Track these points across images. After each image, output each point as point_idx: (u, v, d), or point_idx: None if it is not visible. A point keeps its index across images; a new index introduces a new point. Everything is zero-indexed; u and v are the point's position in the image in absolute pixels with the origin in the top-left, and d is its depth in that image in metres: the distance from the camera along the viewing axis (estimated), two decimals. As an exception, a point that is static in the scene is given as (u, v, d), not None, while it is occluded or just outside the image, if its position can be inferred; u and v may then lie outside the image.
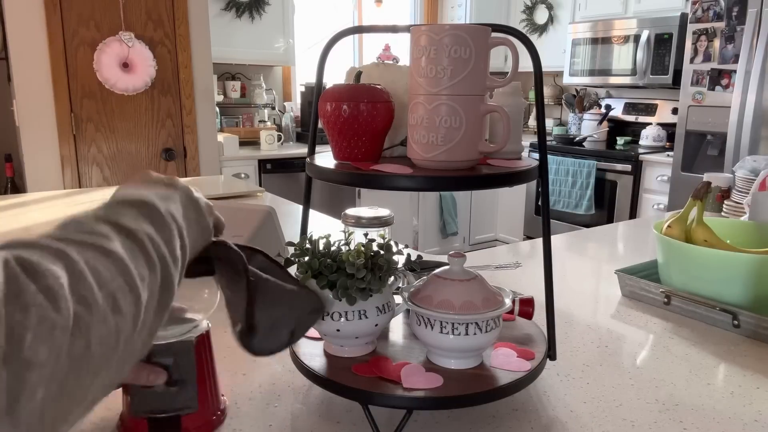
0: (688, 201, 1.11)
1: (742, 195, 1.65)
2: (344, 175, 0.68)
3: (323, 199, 3.79)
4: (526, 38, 0.69)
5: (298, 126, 4.35)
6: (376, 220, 0.94)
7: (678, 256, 1.05)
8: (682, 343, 0.94)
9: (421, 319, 0.70)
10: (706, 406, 0.75)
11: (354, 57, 4.79)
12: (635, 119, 4.13)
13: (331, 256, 0.71)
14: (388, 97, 0.70)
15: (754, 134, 2.99)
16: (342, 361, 0.72)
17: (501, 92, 0.81)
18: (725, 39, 3.09)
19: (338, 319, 0.71)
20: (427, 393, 0.65)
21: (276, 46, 3.99)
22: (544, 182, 0.72)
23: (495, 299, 0.70)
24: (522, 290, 1.13)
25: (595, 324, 1.02)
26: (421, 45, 0.65)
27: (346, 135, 0.70)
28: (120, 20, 3.10)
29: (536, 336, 0.80)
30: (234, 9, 3.79)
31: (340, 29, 0.73)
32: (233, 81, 4.07)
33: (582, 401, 0.76)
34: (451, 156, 0.66)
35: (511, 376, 0.69)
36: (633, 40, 3.76)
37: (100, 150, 3.20)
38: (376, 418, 0.67)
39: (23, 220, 1.75)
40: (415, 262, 0.74)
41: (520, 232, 4.48)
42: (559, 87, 4.75)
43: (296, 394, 0.77)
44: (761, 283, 0.97)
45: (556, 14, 4.43)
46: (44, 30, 2.94)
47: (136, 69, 3.16)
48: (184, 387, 0.64)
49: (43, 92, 3.00)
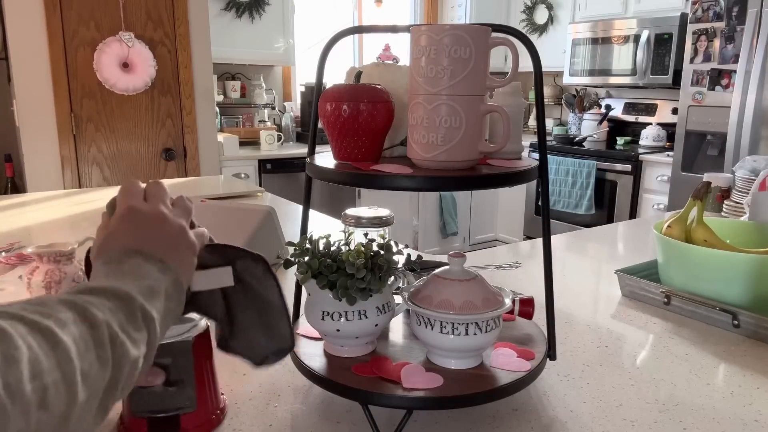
0: (688, 201, 1.11)
1: (742, 195, 1.65)
2: (344, 175, 0.68)
3: (323, 199, 3.79)
4: (526, 38, 0.69)
5: (298, 126, 4.35)
6: (376, 220, 0.94)
7: (678, 256, 1.05)
8: (682, 343, 0.94)
9: (421, 319, 0.70)
10: (706, 406, 0.75)
11: (354, 57, 4.79)
12: (635, 119, 4.14)
13: (331, 256, 0.71)
14: (388, 97, 0.70)
15: (754, 134, 2.99)
16: (342, 361, 0.72)
17: (501, 92, 0.81)
18: (725, 39, 3.09)
19: (338, 319, 0.71)
20: (427, 393, 0.65)
21: (276, 46, 3.99)
22: (544, 182, 0.72)
23: (495, 299, 0.70)
24: (522, 290, 1.13)
25: (595, 324, 1.02)
26: (421, 45, 0.65)
27: (346, 135, 0.70)
28: (120, 20, 3.10)
29: (536, 336, 0.80)
30: (234, 9, 3.79)
31: (340, 29, 0.73)
32: (233, 81, 4.07)
33: (582, 401, 0.76)
34: (451, 156, 0.66)
35: (511, 376, 0.69)
36: (633, 40, 3.76)
37: (100, 150, 3.20)
38: (376, 418, 0.67)
39: (23, 220, 1.75)
40: (415, 262, 0.74)
41: (520, 232, 4.48)
42: (559, 87, 4.75)
43: (296, 394, 0.77)
44: (761, 283, 0.97)
45: (556, 14, 4.43)
46: (44, 30, 2.94)
47: (136, 69, 3.16)
48: (182, 387, 0.64)
49: (43, 92, 3.00)
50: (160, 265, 0.52)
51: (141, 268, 0.50)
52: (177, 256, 0.54)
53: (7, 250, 1.38)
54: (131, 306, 0.46)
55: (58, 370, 0.37)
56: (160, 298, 0.50)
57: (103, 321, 0.43)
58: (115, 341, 0.43)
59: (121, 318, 0.45)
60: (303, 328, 0.80)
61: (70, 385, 0.38)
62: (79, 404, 0.39)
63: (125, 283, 0.48)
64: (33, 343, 0.37)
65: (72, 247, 0.99)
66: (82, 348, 0.40)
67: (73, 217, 1.79)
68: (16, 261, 1.25)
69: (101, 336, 0.42)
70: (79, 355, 0.40)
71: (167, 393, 0.63)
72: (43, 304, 0.41)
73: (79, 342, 0.40)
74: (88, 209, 1.91)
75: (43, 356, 0.37)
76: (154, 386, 0.62)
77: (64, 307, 0.42)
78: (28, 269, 0.97)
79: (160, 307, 0.49)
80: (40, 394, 0.36)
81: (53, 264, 0.96)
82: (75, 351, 0.39)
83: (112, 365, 0.42)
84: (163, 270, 0.52)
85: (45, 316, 0.40)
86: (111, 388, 0.43)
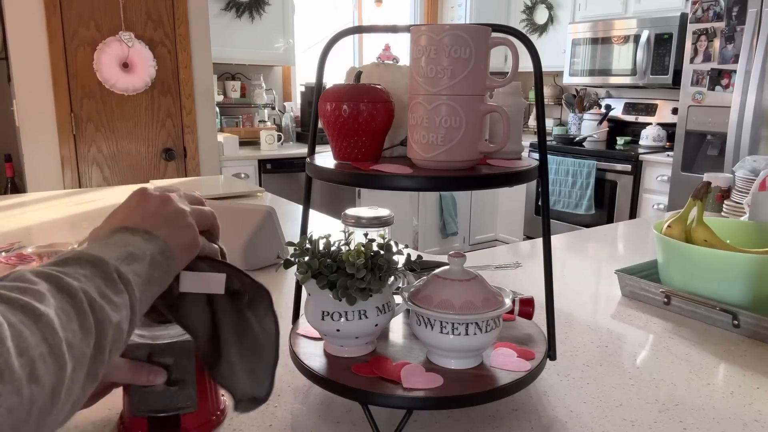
0: (688, 201, 1.11)
1: (742, 195, 1.65)
2: (344, 175, 0.68)
3: (323, 199, 3.79)
4: (526, 38, 0.69)
5: (298, 126, 4.35)
6: (376, 220, 0.94)
7: (678, 256, 1.05)
8: (682, 343, 0.94)
9: (421, 319, 0.70)
10: (706, 406, 0.75)
11: (354, 57, 4.79)
12: (635, 119, 4.14)
13: (331, 256, 0.71)
14: (388, 97, 0.70)
15: (754, 134, 2.99)
16: (342, 361, 0.72)
17: (501, 92, 0.81)
18: (725, 39, 3.09)
19: (338, 319, 0.71)
20: (427, 393, 0.65)
21: (276, 46, 3.99)
22: (544, 182, 0.72)
23: (495, 299, 0.70)
24: (522, 290, 1.13)
25: (595, 324, 1.02)
26: (421, 45, 0.65)
27: (346, 135, 0.70)
28: (120, 20, 3.10)
29: (536, 336, 0.80)
30: (234, 9, 3.79)
31: (340, 29, 0.73)
32: (233, 81, 4.08)
33: (582, 401, 0.76)
34: (451, 156, 0.66)
35: (511, 376, 0.69)
36: (633, 40, 3.76)
37: (100, 150, 3.20)
38: (376, 418, 0.67)
39: (23, 220, 1.75)
40: (415, 262, 0.74)
41: (520, 232, 4.48)
42: (559, 87, 4.75)
43: (296, 394, 0.77)
44: (761, 283, 0.97)
45: (556, 14, 4.43)
46: (44, 30, 2.94)
47: (136, 69, 3.16)
48: (183, 386, 0.64)
49: (43, 92, 3.00)
50: (146, 236, 0.52)
51: (125, 239, 0.51)
52: (169, 230, 0.54)
53: (7, 250, 1.38)
54: (106, 270, 0.46)
55: (44, 343, 0.38)
56: (142, 262, 0.50)
57: (80, 289, 0.43)
58: (94, 307, 0.43)
59: (98, 283, 0.45)
60: (303, 328, 0.80)
61: (58, 356, 0.39)
62: (68, 374, 0.40)
63: (103, 251, 0.48)
64: (14, 320, 0.37)
65: (72, 247, 0.98)
66: (63, 319, 0.40)
67: (73, 217, 1.79)
68: (16, 261, 1.25)
69: (80, 304, 0.42)
70: (62, 326, 0.40)
71: (168, 393, 0.63)
72: (19, 280, 0.41)
73: (60, 313, 0.41)
74: (88, 209, 1.91)
75: (27, 332, 0.37)
76: (155, 386, 0.62)
77: (39, 279, 0.42)
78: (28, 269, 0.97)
79: (140, 271, 0.49)
80: (29, 369, 0.36)
81: (53, 264, 0.96)
82: (58, 322, 0.40)
83: (96, 331, 0.43)
84: (149, 239, 0.52)
85: (22, 291, 0.40)
86: (98, 354, 0.43)
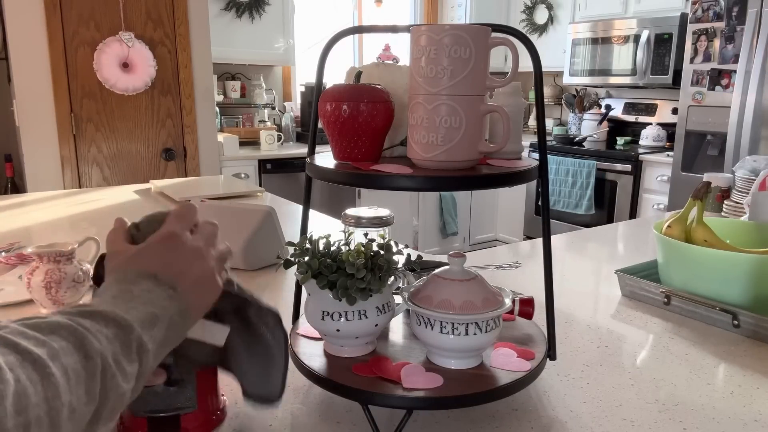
0: (688, 201, 1.11)
1: (742, 195, 1.65)
2: (344, 175, 0.68)
3: (323, 199, 3.79)
4: (526, 38, 0.69)
5: (298, 126, 4.35)
6: (376, 220, 0.94)
7: (678, 256, 1.05)
8: (682, 343, 0.94)
9: (421, 319, 0.70)
10: (706, 406, 0.75)
11: (354, 57, 4.79)
12: (635, 119, 4.14)
13: (331, 256, 0.71)
14: (388, 97, 0.70)
15: (754, 134, 2.99)
16: (342, 361, 0.72)
17: (501, 92, 0.81)
18: (725, 39, 3.09)
19: (338, 319, 0.71)
20: (427, 393, 0.65)
21: (276, 46, 3.99)
22: (544, 182, 0.72)
23: (495, 299, 0.70)
24: (522, 290, 1.13)
25: (595, 324, 1.02)
26: (421, 45, 0.65)
27: (346, 135, 0.70)
28: (120, 20, 3.10)
29: (536, 336, 0.80)
30: (234, 9, 3.79)
31: (340, 29, 0.73)
32: (233, 81, 4.08)
33: (582, 401, 0.76)
34: (451, 156, 0.66)
35: (511, 376, 0.69)
36: (633, 40, 3.76)
37: (100, 150, 3.20)
38: (376, 418, 0.67)
39: (23, 220, 1.75)
40: (415, 262, 0.74)
41: (520, 232, 4.48)
42: (559, 87, 4.75)
43: (296, 394, 0.77)
44: (761, 283, 0.97)
45: (556, 14, 4.43)
46: (44, 30, 2.94)
47: (136, 69, 3.16)
48: (183, 386, 0.64)
49: (43, 92, 3.00)
50: (170, 292, 0.51)
51: (150, 293, 0.50)
52: (194, 293, 0.53)
53: (7, 250, 1.38)
54: (129, 336, 0.45)
55: (44, 404, 0.37)
56: (161, 326, 0.49)
57: (99, 352, 0.42)
58: (106, 375, 0.43)
59: (117, 349, 0.44)
60: (303, 328, 0.80)
61: (54, 420, 0.38)
62: None
63: (129, 308, 0.47)
64: (22, 375, 0.37)
65: (72, 247, 0.99)
66: (72, 381, 0.40)
67: (73, 217, 1.79)
68: (16, 261, 1.25)
69: (94, 368, 0.42)
70: (69, 389, 0.39)
71: (168, 393, 0.63)
72: (40, 329, 0.41)
73: (71, 374, 0.40)
74: (88, 209, 1.91)
75: (31, 389, 0.37)
76: (155, 386, 0.62)
77: (62, 332, 0.41)
78: (28, 269, 0.97)
79: (158, 336, 0.48)
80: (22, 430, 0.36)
81: (53, 264, 0.96)
82: (64, 385, 0.39)
83: (99, 399, 0.42)
84: (172, 296, 0.51)
85: (39, 343, 0.39)
86: (94, 421, 0.42)
